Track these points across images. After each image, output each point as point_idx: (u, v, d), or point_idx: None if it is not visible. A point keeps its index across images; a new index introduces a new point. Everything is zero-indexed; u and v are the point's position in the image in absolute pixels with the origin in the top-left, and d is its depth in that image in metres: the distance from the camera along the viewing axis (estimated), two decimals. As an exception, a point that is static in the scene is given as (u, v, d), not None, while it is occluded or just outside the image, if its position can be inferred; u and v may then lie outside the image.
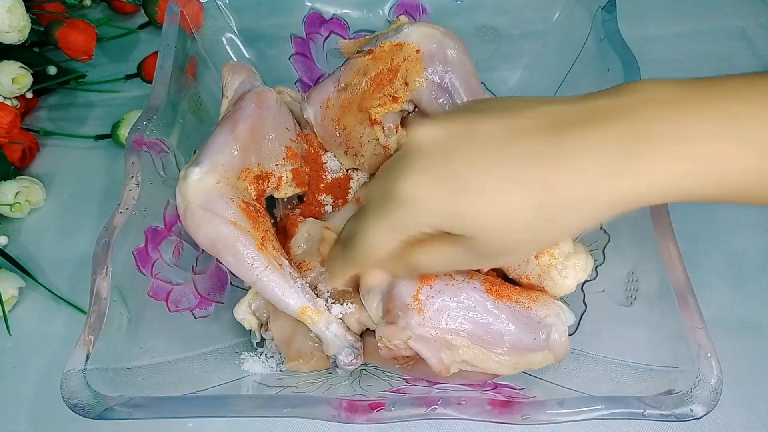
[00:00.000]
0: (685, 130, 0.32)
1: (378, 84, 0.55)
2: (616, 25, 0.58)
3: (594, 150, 0.33)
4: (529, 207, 0.34)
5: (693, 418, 0.38)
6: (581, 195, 0.33)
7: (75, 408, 0.40)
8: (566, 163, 0.33)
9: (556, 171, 0.33)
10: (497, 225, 0.35)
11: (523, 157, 0.34)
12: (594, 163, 0.33)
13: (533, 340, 0.46)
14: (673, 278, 0.44)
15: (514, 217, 0.34)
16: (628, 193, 0.33)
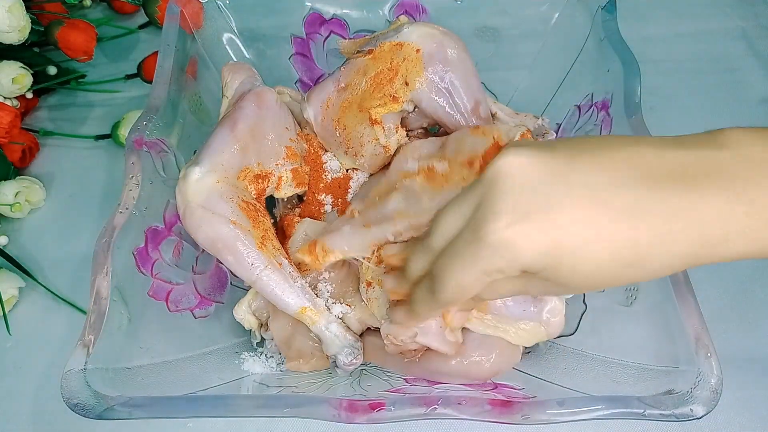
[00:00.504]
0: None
1: (378, 84, 0.55)
2: (616, 26, 0.58)
3: (692, 212, 0.32)
4: (620, 265, 0.33)
5: (693, 418, 0.38)
6: (672, 252, 0.33)
7: (75, 408, 0.40)
8: (659, 225, 0.32)
9: (650, 229, 0.32)
10: (586, 274, 0.34)
11: (621, 210, 0.32)
12: (691, 228, 0.32)
13: (522, 311, 0.46)
14: (673, 278, 0.44)
15: (603, 272, 0.33)
16: (720, 256, 0.33)
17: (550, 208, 0.33)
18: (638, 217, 0.32)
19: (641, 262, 0.33)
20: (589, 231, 0.33)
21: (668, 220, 0.32)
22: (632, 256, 0.33)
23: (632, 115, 0.52)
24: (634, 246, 0.32)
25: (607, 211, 0.33)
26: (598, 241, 0.33)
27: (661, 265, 0.33)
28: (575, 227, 0.33)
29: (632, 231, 0.32)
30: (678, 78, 0.76)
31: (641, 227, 0.32)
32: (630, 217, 0.32)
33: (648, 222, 0.32)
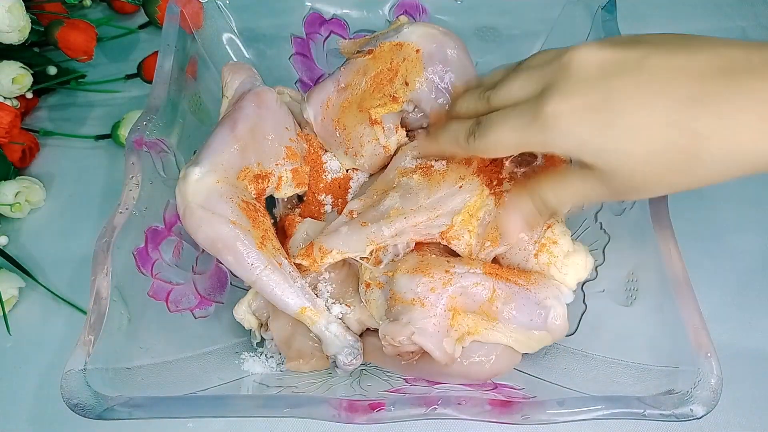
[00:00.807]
0: None
1: (378, 84, 0.55)
2: (616, 26, 0.58)
3: (758, 104, 0.32)
4: (676, 151, 0.33)
5: (693, 418, 0.38)
6: (732, 149, 0.32)
7: (75, 408, 0.40)
8: (726, 114, 0.32)
9: (713, 120, 0.32)
10: (638, 164, 0.34)
11: (683, 101, 0.33)
12: (755, 119, 0.32)
13: (530, 320, 0.46)
14: (673, 279, 0.44)
15: (657, 159, 0.34)
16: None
17: (606, 92, 0.34)
18: (700, 106, 0.32)
19: (697, 158, 0.33)
20: (647, 120, 0.33)
21: (732, 108, 0.32)
22: (689, 147, 0.32)
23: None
24: (693, 137, 0.32)
25: (668, 101, 0.33)
26: (653, 129, 0.33)
27: (717, 163, 0.33)
28: (630, 114, 0.33)
29: (692, 121, 0.32)
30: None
31: (703, 115, 0.32)
32: (691, 107, 0.32)
33: (711, 109, 0.32)
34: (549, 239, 0.48)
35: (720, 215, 0.64)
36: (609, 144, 0.34)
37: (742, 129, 0.32)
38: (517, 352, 0.47)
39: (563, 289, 0.48)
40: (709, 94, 0.32)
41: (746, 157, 0.33)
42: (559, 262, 0.48)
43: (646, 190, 0.37)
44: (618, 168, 0.35)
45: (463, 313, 0.45)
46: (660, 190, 0.37)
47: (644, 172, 0.35)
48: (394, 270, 0.47)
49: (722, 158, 0.33)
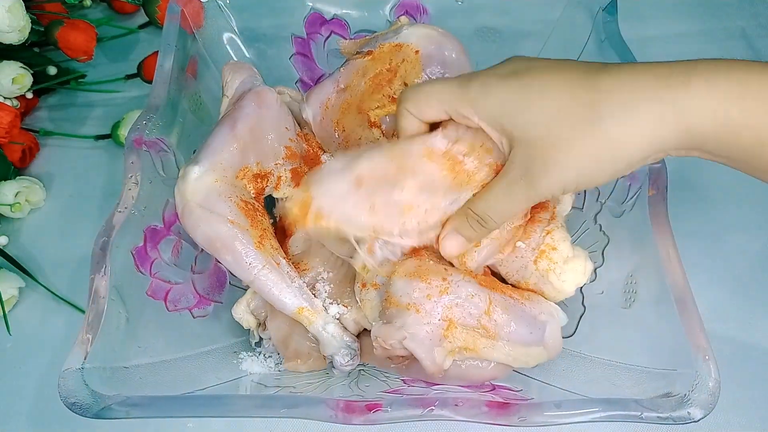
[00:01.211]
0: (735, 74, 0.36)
1: (377, 85, 0.55)
2: (617, 27, 0.58)
3: (651, 68, 0.37)
4: (580, 106, 0.37)
5: (690, 421, 0.38)
6: (630, 106, 0.36)
7: (72, 407, 0.40)
8: (624, 75, 0.37)
9: (612, 80, 0.37)
10: (549, 121, 0.38)
11: (585, 70, 0.39)
12: (649, 78, 0.37)
13: (529, 333, 0.46)
14: (672, 281, 0.44)
15: (564, 116, 0.37)
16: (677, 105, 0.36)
17: (531, 72, 0.40)
18: (598, 72, 0.38)
19: (599, 114, 0.37)
20: (556, 80, 0.39)
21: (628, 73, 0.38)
22: (591, 101, 0.37)
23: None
24: (594, 91, 0.38)
25: (573, 71, 0.39)
26: (560, 87, 0.38)
27: (617, 123, 0.37)
28: (545, 79, 0.39)
29: (593, 79, 0.38)
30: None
31: (602, 77, 0.38)
32: (591, 73, 0.38)
33: (609, 72, 0.38)
34: (548, 245, 0.48)
35: (720, 215, 0.64)
36: (523, 104, 0.39)
37: (635, 89, 0.36)
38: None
39: (557, 308, 0.48)
40: (609, 67, 0.38)
41: (641, 119, 0.36)
42: (558, 268, 0.48)
43: (558, 166, 0.38)
44: (531, 131, 0.39)
45: (460, 327, 0.45)
46: (570, 168, 0.38)
47: (555, 136, 0.38)
48: (392, 272, 0.46)
49: (621, 117, 0.36)
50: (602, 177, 0.39)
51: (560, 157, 0.38)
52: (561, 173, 0.39)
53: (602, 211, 0.54)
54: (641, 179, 0.49)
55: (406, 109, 0.44)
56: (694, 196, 0.66)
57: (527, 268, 0.48)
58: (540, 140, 0.38)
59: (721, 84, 0.35)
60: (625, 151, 0.37)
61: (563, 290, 0.48)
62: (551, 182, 0.39)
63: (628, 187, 0.51)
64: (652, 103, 0.36)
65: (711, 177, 0.66)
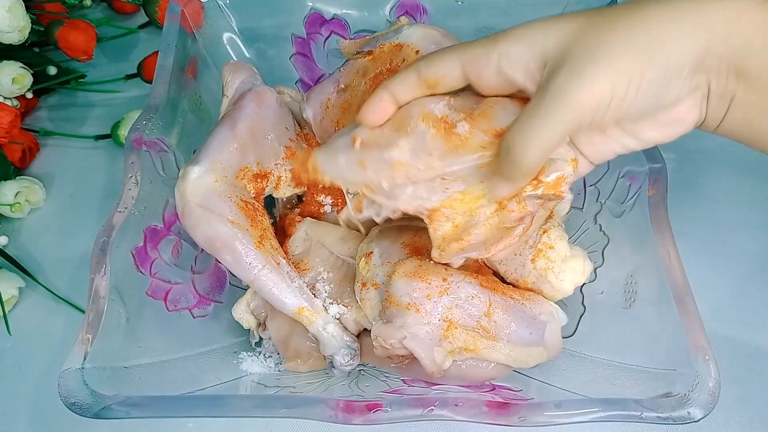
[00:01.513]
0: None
1: (377, 85, 0.54)
2: (616, 26, 0.57)
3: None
4: (617, 10, 0.35)
5: (690, 421, 0.38)
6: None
7: (72, 407, 0.40)
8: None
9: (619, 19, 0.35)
10: (579, 22, 0.36)
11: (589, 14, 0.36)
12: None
13: (530, 333, 0.45)
14: (672, 281, 0.44)
15: (599, 13, 0.36)
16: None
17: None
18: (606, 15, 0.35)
19: (601, 41, 0.34)
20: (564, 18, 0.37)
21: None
22: (594, 34, 0.35)
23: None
24: (596, 27, 0.35)
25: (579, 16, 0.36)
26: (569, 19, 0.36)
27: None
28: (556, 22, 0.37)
29: (598, 17, 0.35)
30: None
31: (609, 17, 0.35)
32: (597, 15, 0.36)
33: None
34: (545, 244, 0.48)
35: (720, 215, 0.64)
36: (555, 25, 0.37)
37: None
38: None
39: (557, 308, 0.48)
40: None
41: (688, 20, 0.33)
42: (556, 267, 0.48)
43: (592, 64, 0.34)
44: (565, 39, 0.36)
45: (460, 328, 0.45)
46: (606, 66, 0.34)
47: (591, 31, 0.35)
48: (392, 272, 0.46)
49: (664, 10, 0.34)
50: (654, 72, 0.33)
51: (606, 42, 0.34)
52: (610, 61, 0.33)
53: (602, 211, 0.54)
54: (641, 179, 0.49)
55: (417, 70, 0.41)
56: (694, 196, 0.66)
57: (525, 267, 0.48)
58: (580, 38, 0.34)
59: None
60: (666, 45, 0.33)
61: (562, 289, 0.48)
62: (599, 75, 0.33)
63: (628, 187, 0.51)
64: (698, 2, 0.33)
65: (711, 177, 0.66)
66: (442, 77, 0.41)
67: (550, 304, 0.48)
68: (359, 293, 0.49)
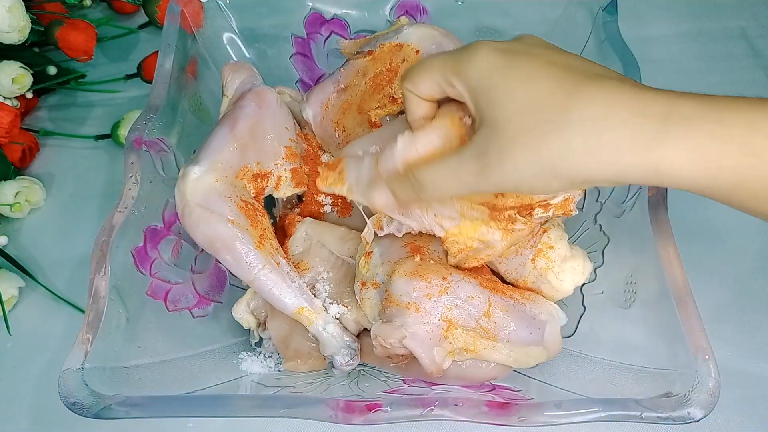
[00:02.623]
0: (718, 114, 0.33)
1: (377, 85, 0.55)
2: (617, 27, 0.58)
3: (630, 98, 0.35)
4: (551, 103, 0.35)
5: (690, 421, 0.38)
6: (600, 114, 0.34)
7: (72, 407, 0.40)
8: (598, 92, 0.35)
9: (586, 88, 0.35)
10: (519, 107, 0.36)
11: (565, 68, 0.37)
12: (626, 108, 0.34)
13: (529, 333, 0.46)
14: (672, 281, 0.44)
15: (535, 106, 0.36)
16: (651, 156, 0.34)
17: (515, 58, 0.38)
18: (577, 75, 0.36)
19: (568, 117, 0.35)
20: (536, 69, 0.37)
21: (604, 92, 0.35)
22: (562, 104, 0.35)
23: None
24: (567, 96, 0.35)
25: (553, 69, 0.37)
26: (538, 78, 0.37)
27: (585, 129, 0.34)
28: (526, 68, 0.37)
29: (570, 83, 0.36)
30: (678, 78, 0.76)
31: (580, 82, 0.36)
32: (570, 74, 0.36)
33: (588, 80, 0.36)
34: (545, 244, 0.48)
35: (720, 215, 0.64)
36: (503, 83, 0.37)
37: (614, 110, 0.34)
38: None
39: (557, 308, 0.48)
40: (587, 74, 0.36)
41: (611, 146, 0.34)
42: (556, 267, 0.48)
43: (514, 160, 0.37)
44: (500, 114, 0.37)
45: (460, 328, 0.45)
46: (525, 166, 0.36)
47: (520, 127, 0.36)
48: (392, 272, 0.46)
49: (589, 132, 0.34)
50: (557, 184, 0.37)
51: (518, 151, 0.36)
52: (515, 169, 0.37)
53: (602, 211, 0.54)
54: (641, 179, 0.49)
55: (406, 89, 0.43)
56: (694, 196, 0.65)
57: (525, 266, 0.49)
58: (505, 127, 0.36)
59: (702, 126, 0.33)
60: (582, 166, 0.35)
61: (562, 289, 0.48)
62: (503, 175, 0.37)
63: (628, 187, 0.51)
64: (623, 130, 0.34)
65: (711, 177, 0.66)
66: (427, 92, 0.43)
67: (549, 303, 0.48)
68: (359, 293, 0.49)
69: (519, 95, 0.36)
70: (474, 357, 0.45)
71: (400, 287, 0.45)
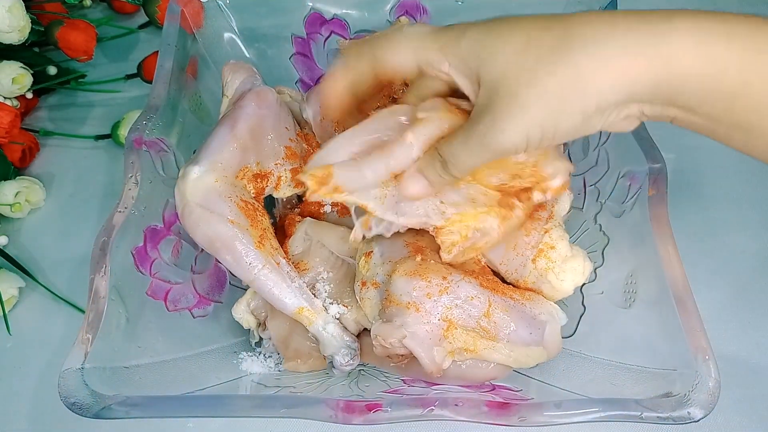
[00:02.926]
0: (721, 16, 0.33)
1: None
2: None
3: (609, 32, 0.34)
4: (545, 41, 0.35)
5: (690, 421, 0.38)
6: (604, 31, 0.34)
7: (72, 407, 0.40)
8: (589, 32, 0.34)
9: (582, 26, 0.34)
10: (513, 53, 0.35)
11: (548, 19, 0.36)
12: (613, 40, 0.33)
13: (529, 333, 0.45)
14: (672, 281, 0.44)
15: (530, 43, 0.35)
16: (643, 72, 0.33)
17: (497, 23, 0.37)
18: (565, 23, 0.35)
19: (567, 44, 0.34)
20: (522, 23, 0.37)
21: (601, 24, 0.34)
22: (558, 36, 0.35)
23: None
24: (563, 31, 0.35)
25: (538, 20, 0.36)
26: (526, 25, 0.36)
27: (586, 57, 0.34)
28: (511, 24, 0.37)
29: (562, 22, 0.35)
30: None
31: (571, 25, 0.35)
32: (556, 21, 0.35)
33: (578, 20, 0.35)
34: (546, 244, 0.48)
35: (720, 215, 0.64)
36: (492, 41, 0.36)
37: (614, 25, 0.34)
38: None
39: (557, 308, 0.48)
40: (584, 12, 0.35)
41: (617, 57, 0.33)
42: (557, 267, 0.48)
43: (520, 103, 0.35)
44: (497, 68, 0.36)
45: (460, 328, 0.45)
46: (533, 105, 0.35)
47: (520, 68, 0.35)
48: (392, 271, 0.46)
49: (592, 48, 0.33)
50: (569, 120, 0.35)
51: (522, 92, 0.34)
52: (523, 113, 0.35)
53: (602, 211, 0.54)
54: (641, 179, 0.49)
55: (375, 56, 0.41)
56: (694, 196, 0.66)
57: (525, 267, 0.49)
58: (504, 77, 0.35)
59: (706, 23, 0.32)
60: (593, 86, 0.33)
61: (562, 289, 0.48)
62: (513, 125, 0.35)
63: (628, 187, 0.51)
64: (627, 36, 0.33)
65: (711, 177, 0.66)
66: (395, 71, 0.42)
67: (549, 303, 0.48)
68: (359, 293, 0.48)
69: (511, 41, 0.35)
70: (474, 357, 0.45)
71: (401, 286, 0.45)
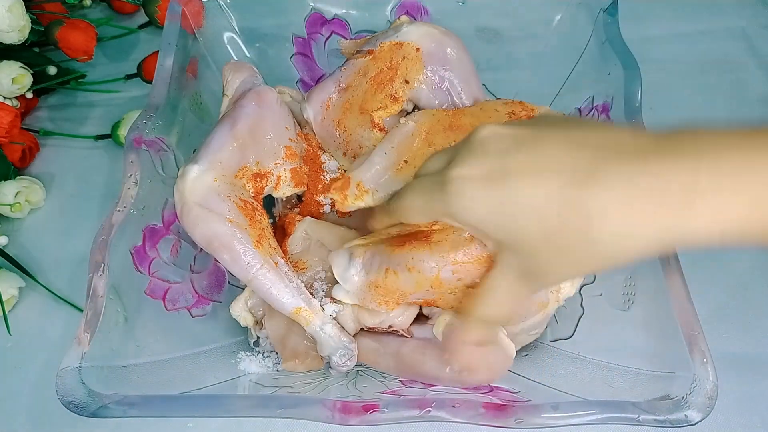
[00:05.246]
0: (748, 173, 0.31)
1: (378, 84, 0.55)
2: (617, 28, 0.58)
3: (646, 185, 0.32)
4: (571, 232, 0.34)
5: (688, 424, 0.38)
6: (622, 230, 0.33)
7: (69, 406, 0.40)
8: (617, 193, 0.32)
9: (604, 200, 0.33)
10: (537, 242, 0.35)
11: (576, 181, 0.33)
12: (645, 199, 0.32)
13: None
14: (671, 282, 0.43)
15: (553, 239, 0.34)
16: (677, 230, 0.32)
17: (512, 179, 0.35)
18: (592, 185, 0.33)
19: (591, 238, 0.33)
20: (541, 200, 0.34)
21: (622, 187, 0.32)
22: (582, 227, 0.33)
23: (632, 118, 0.52)
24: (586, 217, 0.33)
25: (561, 180, 0.33)
26: (547, 210, 0.34)
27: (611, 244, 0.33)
28: (529, 197, 0.34)
29: (585, 200, 0.33)
30: (678, 78, 0.76)
31: (595, 194, 0.33)
32: (583, 187, 0.33)
33: (603, 187, 0.33)
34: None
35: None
36: (507, 221, 0.36)
37: (631, 209, 0.32)
38: (508, 357, 0.46)
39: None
40: (601, 172, 0.33)
41: (637, 239, 0.33)
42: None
43: (558, 272, 0.37)
44: (519, 244, 0.36)
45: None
46: (571, 271, 0.38)
47: (546, 251, 0.35)
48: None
49: (614, 239, 0.33)
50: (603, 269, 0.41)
51: (556, 261, 0.36)
52: (561, 273, 0.38)
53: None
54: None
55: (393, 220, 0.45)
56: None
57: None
58: (533, 252, 0.36)
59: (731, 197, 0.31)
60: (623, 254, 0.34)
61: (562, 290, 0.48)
62: (554, 279, 0.40)
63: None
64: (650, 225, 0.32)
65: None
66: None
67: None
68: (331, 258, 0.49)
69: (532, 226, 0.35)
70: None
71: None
